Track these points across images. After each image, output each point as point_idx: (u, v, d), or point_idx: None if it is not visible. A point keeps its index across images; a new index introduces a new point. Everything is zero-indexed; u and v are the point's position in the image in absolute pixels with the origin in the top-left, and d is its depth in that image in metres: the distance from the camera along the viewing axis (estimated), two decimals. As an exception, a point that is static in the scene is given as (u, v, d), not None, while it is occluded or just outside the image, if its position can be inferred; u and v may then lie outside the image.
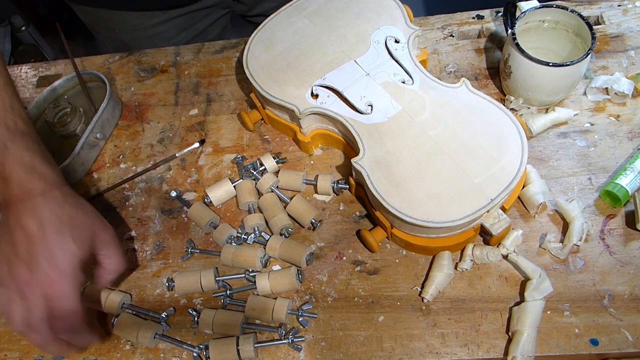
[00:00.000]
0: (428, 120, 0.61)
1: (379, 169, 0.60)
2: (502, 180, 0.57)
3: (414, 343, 0.59)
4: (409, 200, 0.57)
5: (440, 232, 0.58)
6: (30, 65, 0.91)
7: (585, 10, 0.79)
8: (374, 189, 0.58)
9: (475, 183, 0.57)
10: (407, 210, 0.56)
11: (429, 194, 0.57)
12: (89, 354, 0.63)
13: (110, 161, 0.78)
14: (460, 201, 0.56)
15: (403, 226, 0.59)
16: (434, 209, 0.56)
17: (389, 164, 0.60)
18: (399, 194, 0.57)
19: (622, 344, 0.56)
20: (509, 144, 0.59)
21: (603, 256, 0.61)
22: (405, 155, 0.60)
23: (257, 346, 0.60)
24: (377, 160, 0.60)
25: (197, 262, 0.68)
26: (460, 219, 0.55)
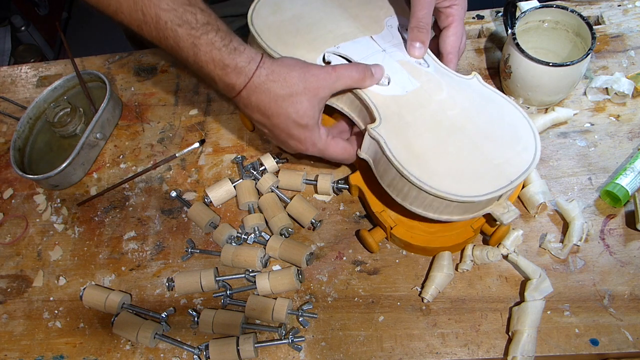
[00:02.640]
0: (446, 100, 0.59)
1: (397, 138, 0.56)
2: (519, 165, 0.55)
3: (414, 343, 0.59)
4: (428, 172, 0.54)
5: (454, 211, 0.55)
6: (30, 65, 0.91)
7: (585, 10, 0.79)
8: (392, 155, 0.55)
9: (494, 164, 0.55)
10: (428, 180, 0.53)
11: (449, 170, 0.54)
12: (89, 354, 0.64)
13: (110, 161, 0.78)
14: (481, 180, 0.54)
15: (418, 200, 0.56)
16: (455, 184, 0.53)
17: (407, 135, 0.57)
18: (419, 165, 0.54)
19: (622, 344, 0.56)
20: (522, 134, 0.57)
21: (603, 256, 0.61)
22: (424, 130, 0.57)
23: (257, 346, 0.60)
24: (394, 130, 0.57)
25: (197, 262, 0.68)
26: (482, 196, 0.53)
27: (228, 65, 0.54)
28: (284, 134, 0.57)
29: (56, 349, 0.65)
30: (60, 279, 0.69)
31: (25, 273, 0.71)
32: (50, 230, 0.73)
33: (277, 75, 0.55)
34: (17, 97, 0.87)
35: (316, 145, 0.58)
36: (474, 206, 0.55)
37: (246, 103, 0.56)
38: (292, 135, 0.57)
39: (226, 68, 0.54)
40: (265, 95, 0.55)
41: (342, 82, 0.57)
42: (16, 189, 0.78)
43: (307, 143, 0.58)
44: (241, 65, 0.54)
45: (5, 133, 0.85)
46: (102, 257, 0.70)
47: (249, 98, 0.56)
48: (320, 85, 0.56)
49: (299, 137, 0.57)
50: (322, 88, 0.56)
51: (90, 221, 0.73)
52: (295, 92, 0.55)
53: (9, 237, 0.74)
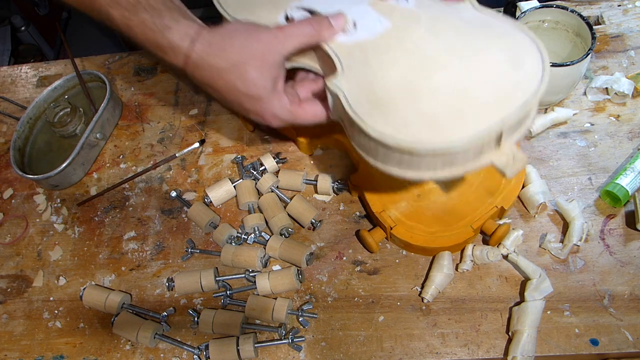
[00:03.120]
0: (423, 37, 0.50)
1: (359, 89, 0.48)
2: (517, 98, 0.44)
3: (414, 343, 0.59)
4: (394, 122, 0.45)
5: (437, 164, 0.45)
6: (30, 65, 0.91)
7: (585, 10, 0.79)
8: (351, 110, 0.47)
9: (481, 102, 0.45)
10: (393, 132, 0.44)
11: (421, 113, 0.45)
12: (89, 354, 0.64)
13: (110, 161, 0.78)
14: (462, 120, 0.44)
15: (389, 159, 0.47)
16: (427, 131, 0.44)
17: (371, 82, 0.48)
18: (383, 115, 0.46)
19: (622, 344, 0.56)
20: (524, 58, 0.47)
21: (603, 256, 0.61)
22: (394, 74, 0.48)
23: (257, 346, 0.60)
24: (357, 79, 0.49)
25: (197, 262, 0.68)
26: (461, 142, 0.43)
27: (163, 45, 0.50)
28: (242, 109, 0.53)
29: (56, 349, 0.65)
30: (60, 279, 0.69)
31: (25, 273, 0.71)
32: (50, 230, 0.73)
33: (216, 48, 0.50)
34: (17, 97, 0.87)
35: (278, 117, 0.53)
36: (458, 157, 0.45)
37: (197, 81, 0.53)
38: (248, 109, 0.53)
39: (163, 48, 0.51)
40: (207, 71, 0.51)
41: (293, 41, 0.51)
42: (16, 189, 0.78)
43: (266, 115, 0.53)
44: (175, 43, 0.50)
45: (5, 133, 0.85)
46: (102, 257, 0.70)
47: (194, 75, 0.52)
48: (267, 50, 0.50)
49: (256, 110, 0.53)
50: (270, 53, 0.50)
51: (90, 221, 0.73)
52: (238, 62, 0.50)
53: (9, 237, 0.74)
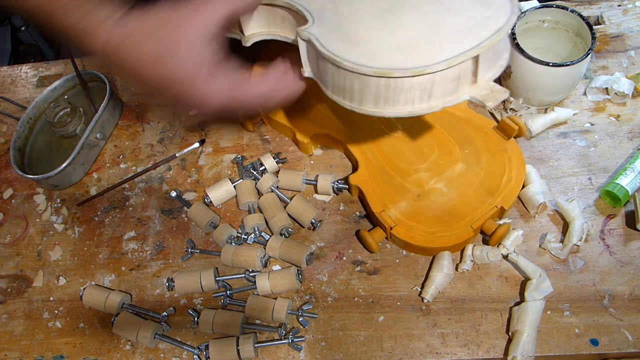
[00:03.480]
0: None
1: (331, 31, 0.48)
2: (490, 27, 0.44)
3: (414, 343, 0.59)
4: (369, 53, 0.45)
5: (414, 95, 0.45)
6: (30, 65, 0.91)
7: (585, 10, 0.79)
8: (325, 49, 0.46)
9: (454, 31, 0.45)
10: (367, 61, 0.44)
11: (395, 43, 0.45)
12: (89, 354, 0.64)
13: (110, 161, 0.78)
14: (438, 46, 0.44)
15: (365, 95, 0.46)
16: (402, 56, 0.44)
17: (342, 25, 0.48)
18: (357, 49, 0.45)
19: (622, 344, 0.56)
20: None
21: (603, 256, 0.61)
22: (364, 15, 0.48)
23: (257, 346, 0.60)
24: (329, 25, 0.48)
25: (197, 262, 0.68)
26: (437, 63, 0.42)
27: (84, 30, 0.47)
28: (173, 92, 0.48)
29: (56, 349, 0.65)
30: (60, 279, 0.69)
31: (25, 273, 0.71)
32: (50, 230, 0.73)
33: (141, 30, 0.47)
34: (17, 97, 0.87)
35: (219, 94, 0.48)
36: (437, 83, 0.44)
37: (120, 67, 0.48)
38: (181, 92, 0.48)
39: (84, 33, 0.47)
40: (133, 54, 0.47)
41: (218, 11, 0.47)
42: (16, 189, 0.78)
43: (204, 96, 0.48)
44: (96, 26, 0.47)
45: (5, 133, 0.85)
46: (102, 257, 0.70)
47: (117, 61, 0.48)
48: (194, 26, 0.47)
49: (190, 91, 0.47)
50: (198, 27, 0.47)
51: (90, 221, 0.73)
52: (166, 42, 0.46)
53: (9, 237, 0.74)
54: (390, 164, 0.67)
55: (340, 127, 0.71)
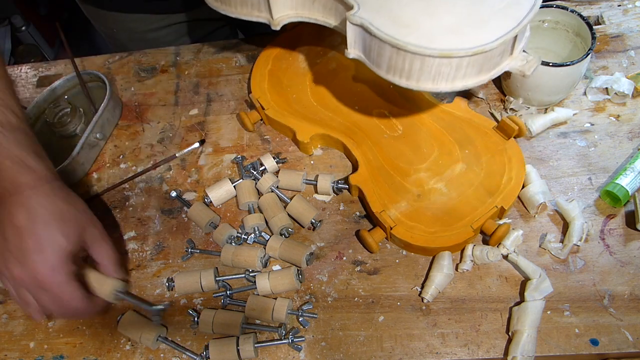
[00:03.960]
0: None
1: (380, 15, 0.51)
2: (524, 5, 0.51)
3: (414, 343, 0.59)
4: (426, 36, 0.49)
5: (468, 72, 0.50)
6: (30, 65, 0.91)
7: (585, 10, 0.79)
8: (384, 34, 0.50)
9: (495, 10, 0.50)
10: (428, 43, 0.48)
11: (447, 26, 0.50)
12: (89, 354, 0.64)
13: (110, 161, 0.78)
14: (486, 27, 0.49)
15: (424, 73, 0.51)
16: (459, 39, 0.49)
17: (390, 9, 0.52)
18: (413, 32, 0.50)
19: (622, 344, 0.56)
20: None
21: (603, 256, 0.61)
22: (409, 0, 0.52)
23: (257, 346, 0.60)
24: (375, 9, 0.52)
25: (197, 262, 0.68)
26: (493, 41, 0.48)
27: None
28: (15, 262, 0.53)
29: (56, 349, 0.65)
30: (60, 279, 0.69)
31: (25, 273, 0.71)
32: (50, 230, 0.73)
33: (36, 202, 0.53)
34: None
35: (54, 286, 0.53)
36: (487, 59, 0.50)
37: None
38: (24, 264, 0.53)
39: None
40: None
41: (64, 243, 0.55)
42: (16, 189, 0.78)
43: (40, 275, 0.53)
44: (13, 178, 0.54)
45: (5, 133, 0.85)
46: (102, 257, 0.70)
47: None
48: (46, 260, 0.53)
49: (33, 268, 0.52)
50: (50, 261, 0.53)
51: (90, 221, 0.73)
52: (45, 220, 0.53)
53: (9, 237, 0.74)
54: (390, 164, 0.67)
55: (340, 127, 0.71)
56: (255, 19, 0.62)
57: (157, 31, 0.94)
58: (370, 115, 0.71)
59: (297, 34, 0.79)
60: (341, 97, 0.73)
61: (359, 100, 0.73)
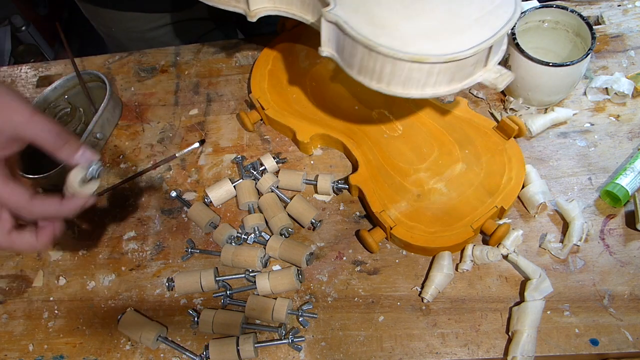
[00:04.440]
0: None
1: (357, 14, 0.50)
2: (501, 17, 0.50)
3: (414, 343, 0.59)
4: (399, 39, 0.48)
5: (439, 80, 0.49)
6: (30, 65, 0.91)
7: (585, 10, 0.79)
8: (357, 33, 0.48)
9: (472, 20, 0.50)
10: (401, 46, 0.47)
11: (423, 31, 0.49)
12: (89, 354, 0.64)
13: (110, 161, 0.78)
14: (461, 35, 0.49)
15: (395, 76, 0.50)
16: (433, 44, 0.48)
17: (367, 9, 0.50)
18: (387, 34, 0.48)
19: (622, 344, 0.56)
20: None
21: (603, 256, 0.61)
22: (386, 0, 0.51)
23: (257, 346, 0.60)
24: (352, 7, 0.51)
25: (197, 262, 0.68)
26: (466, 50, 0.47)
27: None
28: None
29: (56, 349, 0.65)
30: (60, 279, 0.69)
31: (25, 273, 0.71)
32: (50, 230, 0.73)
33: None
34: None
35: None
36: (459, 68, 0.49)
37: None
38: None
39: None
40: None
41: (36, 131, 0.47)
42: (16, 189, 0.78)
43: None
44: None
45: (5, 133, 0.85)
46: (102, 257, 0.70)
47: None
48: None
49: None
50: None
51: (90, 221, 0.73)
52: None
53: (9, 237, 0.74)
54: (390, 164, 0.67)
55: (340, 127, 0.71)
56: (232, 8, 0.60)
57: (155, 30, 0.94)
58: (370, 115, 0.71)
59: (297, 34, 0.79)
60: (341, 97, 0.74)
61: (359, 100, 0.73)
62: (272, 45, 0.79)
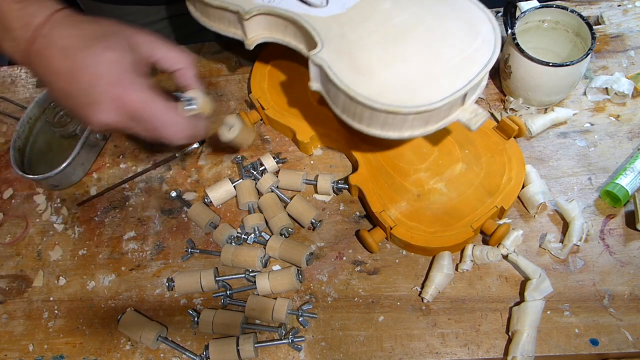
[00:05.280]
0: (391, 9, 0.56)
1: (341, 59, 0.53)
2: (478, 61, 0.52)
3: (414, 343, 0.59)
4: (377, 87, 0.51)
5: (415, 124, 0.52)
6: (30, 65, 0.90)
7: (585, 10, 0.79)
8: (338, 79, 0.51)
9: (449, 65, 0.52)
10: (377, 96, 0.50)
11: (400, 80, 0.51)
12: (89, 354, 0.64)
13: (110, 161, 0.78)
14: (436, 84, 0.51)
15: (373, 121, 0.53)
16: (407, 94, 0.50)
17: (351, 53, 0.53)
18: (367, 82, 0.51)
19: (622, 344, 0.56)
20: (480, 27, 0.54)
21: (603, 256, 0.61)
22: (369, 43, 0.54)
23: (257, 346, 0.60)
24: (337, 51, 0.54)
25: (197, 262, 0.68)
26: (437, 102, 0.49)
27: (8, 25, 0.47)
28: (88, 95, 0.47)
29: (56, 349, 0.65)
30: (60, 279, 0.69)
31: (25, 273, 0.71)
32: (50, 230, 0.73)
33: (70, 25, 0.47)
34: (17, 97, 0.87)
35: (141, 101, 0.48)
36: (433, 115, 0.51)
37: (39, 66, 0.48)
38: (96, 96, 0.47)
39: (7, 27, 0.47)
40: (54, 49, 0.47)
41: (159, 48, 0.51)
42: (16, 189, 0.78)
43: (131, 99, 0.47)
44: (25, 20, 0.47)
45: (5, 133, 0.85)
46: (102, 257, 0.70)
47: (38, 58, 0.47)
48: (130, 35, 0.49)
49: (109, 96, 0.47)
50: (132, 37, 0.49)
51: (90, 221, 0.73)
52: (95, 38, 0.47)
53: (9, 237, 0.74)
54: (390, 164, 0.67)
55: (341, 127, 0.71)
56: (231, 35, 0.63)
57: (153, 25, 0.94)
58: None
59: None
60: (341, 97, 0.74)
61: None
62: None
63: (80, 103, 0.48)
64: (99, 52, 0.47)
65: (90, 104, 0.47)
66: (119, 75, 0.47)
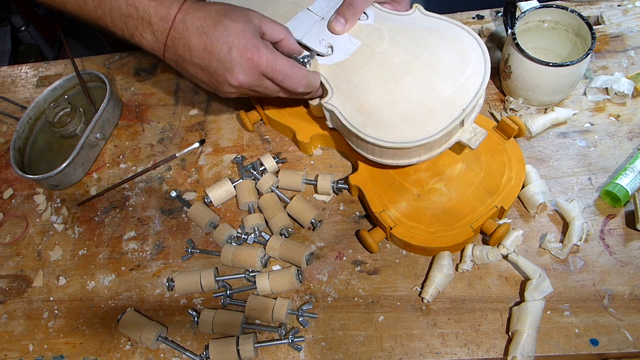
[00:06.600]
0: (388, 49, 0.62)
1: (349, 103, 0.60)
2: (470, 89, 0.57)
3: (414, 343, 0.59)
4: (384, 127, 0.57)
5: (420, 152, 0.58)
6: (30, 65, 0.91)
7: (585, 10, 0.79)
8: (347, 122, 0.58)
9: (444, 97, 0.57)
10: (384, 136, 0.57)
11: (402, 116, 0.57)
12: (89, 354, 0.64)
13: (110, 161, 0.78)
14: (434, 117, 0.56)
15: (384, 154, 0.59)
16: (410, 130, 0.56)
17: (358, 97, 0.60)
18: (373, 123, 0.58)
19: (622, 344, 0.56)
20: (470, 54, 0.59)
21: (603, 256, 0.61)
22: (373, 86, 0.60)
23: (257, 346, 0.60)
24: (346, 96, 0.60)
25: (197, 262, 0.68)
26: (436, 134, 0.55)
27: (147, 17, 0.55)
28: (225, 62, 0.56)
29: (56, 349, 0.65)
30: (60, 279, 0.69)
31: (25, 273, 0.71)
32: (50, 230, 0.73)
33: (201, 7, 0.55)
34: (17, 97, 0.87)
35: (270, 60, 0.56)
36: (436, 142, 0.57)
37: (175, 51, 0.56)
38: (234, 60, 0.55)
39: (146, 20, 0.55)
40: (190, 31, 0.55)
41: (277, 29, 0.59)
42: (16, 189, 0.78)
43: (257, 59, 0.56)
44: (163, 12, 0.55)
45: (5, 133, 0.85)
46: (102, 257, 0.70)
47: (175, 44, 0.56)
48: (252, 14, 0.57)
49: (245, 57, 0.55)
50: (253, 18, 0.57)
51: (90, 221, 0.73)
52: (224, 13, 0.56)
53: (9, 237, 0.74)
54: (390, 164, 0.67)
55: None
56: None
57: None
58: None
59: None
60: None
61: None
62: None
63: (218, 71, 0.56)
64: (228, 25, 0.55)
65: (227, 70, 0.55)
66: (247, 42, 0.55)
